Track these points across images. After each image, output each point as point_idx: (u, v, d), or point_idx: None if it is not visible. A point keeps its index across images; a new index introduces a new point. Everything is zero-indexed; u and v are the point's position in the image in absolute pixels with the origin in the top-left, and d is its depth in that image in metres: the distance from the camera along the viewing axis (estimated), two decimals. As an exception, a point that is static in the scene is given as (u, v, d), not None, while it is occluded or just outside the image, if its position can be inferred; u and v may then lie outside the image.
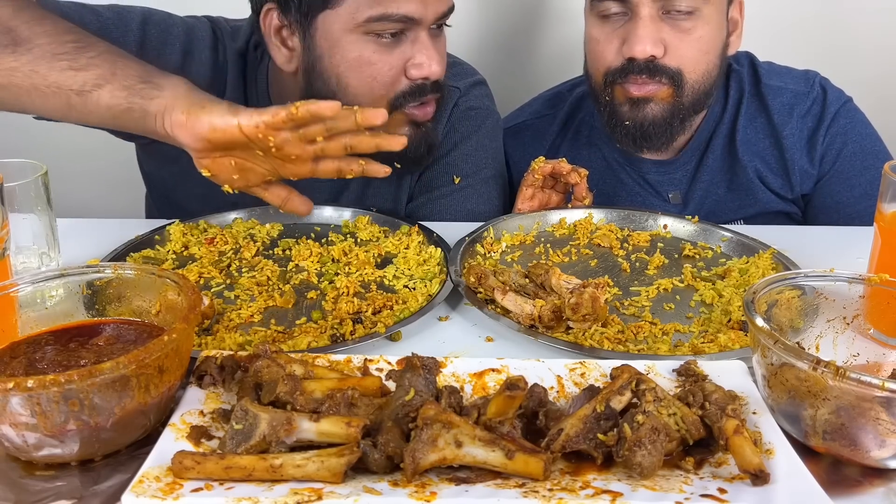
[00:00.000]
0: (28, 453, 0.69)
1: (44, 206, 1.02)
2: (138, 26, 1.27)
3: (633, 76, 1.30)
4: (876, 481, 0.70)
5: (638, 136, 1.36)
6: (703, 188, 1.45)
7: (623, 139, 1.38)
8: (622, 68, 1.31)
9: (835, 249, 1.20)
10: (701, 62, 1.32)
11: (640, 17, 1.27)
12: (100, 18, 1.25)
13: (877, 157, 1.43)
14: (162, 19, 1.30)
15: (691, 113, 1.37)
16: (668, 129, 1.35)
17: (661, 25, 1.28)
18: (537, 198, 1.33)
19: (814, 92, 1.43)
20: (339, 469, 0.65)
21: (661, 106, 1.33)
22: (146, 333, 0.80)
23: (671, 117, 1.34)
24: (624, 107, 1.34)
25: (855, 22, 1.95)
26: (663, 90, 1.32)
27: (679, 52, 1.29)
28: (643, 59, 1.28)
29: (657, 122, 1.34)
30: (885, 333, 0.84)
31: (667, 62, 1.29)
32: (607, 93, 1.35)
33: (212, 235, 1.20)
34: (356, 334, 0.94)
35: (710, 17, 1.31)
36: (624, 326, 0.96)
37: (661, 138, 1.36)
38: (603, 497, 0.63)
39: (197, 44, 1.32)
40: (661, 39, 1.28)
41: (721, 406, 0.71)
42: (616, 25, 1.31)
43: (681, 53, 1.30)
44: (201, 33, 1.33)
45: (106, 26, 1.24)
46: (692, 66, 1.31)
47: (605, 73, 1.34)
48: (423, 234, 1.20)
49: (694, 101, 1.34)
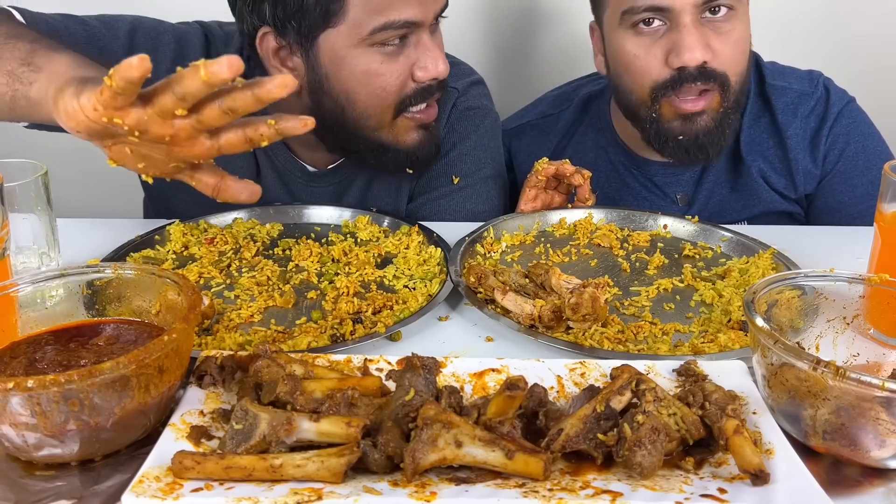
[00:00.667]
0: (28, 453, 0.69)
1: (44, 206, 1.02)
2: (126, 34, 1.26)
3: (687, 85, 1.28)
4: (876, 481, 0.70)
5: (693, 148, 1.34)
6: (707, 189, 1.45)
7: (676, 152, 1.36)
8: (672, 80, 1.28)
9: (835, 249, 1.20)
10: (741, 62, 1.32)
11: (683, 24, 1.25)
12: (87, 28, 1.24)
13: (879, 157, 1.43)
14: (151, 27, 1.29)
15: (736, 115, 1.36)
16: (720, 136, 1.34)
17: (704, 31, 1.27)
18: (540, 199, 1.33)
19: (817, 92, 1.43)
20: (339, 469, 0.65)
21: (711, 115, 1.32)
22: (146, 333, 0.80)
23: (721, 124, 1.33)
24: (674, 122, 1.32)
25: (858, 22, 1.95)
26: (715, 99, 1.30)
27: (723, 55, 1.28)
28: (695, 67, 1.26)
29: (710, 132, 1.33)
30: (885, 333, 0.84)
31: (715, 66, 1.28)
32: (654, 109, 1.32)
33: (212, 235, 1.20)
34: (356, 334, 0.94)
35: (744, 15, 1.31)
36: (624, 326, 0.96)
37: (716, 147, 1.35)
38: (603, 497, 0.63)
39: (188, 51, 1.30)
40: (708, 44, 1.27)
41: (721, 406, 0.71)
42: (655, 37, 1.29)
43: (725, 56, 1.29)
44: (193, 40, 1.32)
45: (93, 36, 1.23)
46: (735, 68, 1.31)
47: (652, 87, 1.31)
48: (423, 234, 1.20)
49: (736, 102, 1.34)
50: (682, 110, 1.31)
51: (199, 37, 1.33)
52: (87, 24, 1.24)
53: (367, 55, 1.19)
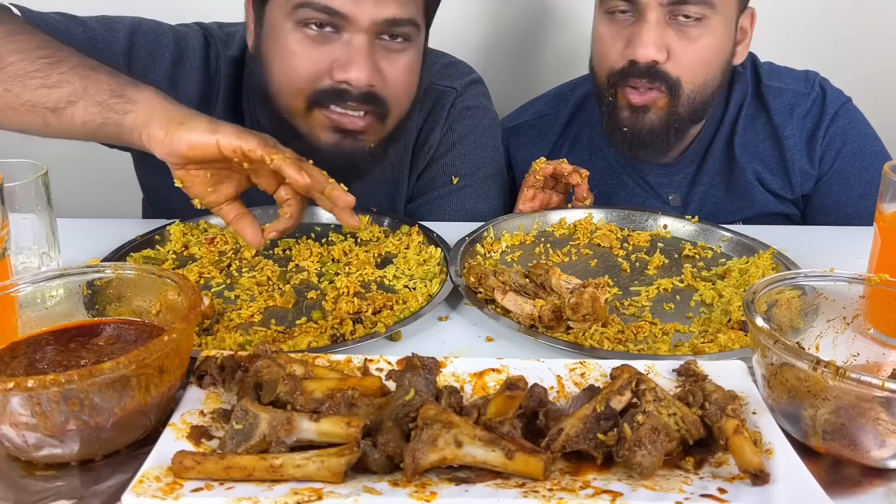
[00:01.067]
0: (28, 453, 0.69)
1: (44, 206, 1.02)
2: (126, 37, 1.26)
3: (634, 79, 1.30)
4: (876, 481, 0.70)
5: (634, 143, 1.36)
6: (702, 190, 1.45)
7: (619, 145, 1.38)
8: (623, 70, 1.31)
9: (835, 249, 1.20)
10: (700, 72, 1.31)
11: (646, 20, 1.26)
12: (86, 30, 1.24)
13: (875, 157, 1.43)
14: (151, 29, 1.30)
15: (688, 123, 1.36)
16: (664, 138, 1.35)
17: (666, 31, 1.27)
18: (538, 198, 1.33)
19: (814, 92, 1.43)
20: (340, 469, 0.65)
21: (657, 115, 1.33)
22: (146, 333, 0.80)
23: (667, 127, 1.34)
24: (624, 112, 1.34)
25: (856, 22, 1.95)
26: (661, 99, 1.31)
27: (681, 59, 1.29)
28: (645, 64, 1.28)
29: (654, 132, 1.34)
30: (885, 333, 0.84)
31: (668, 69, 1.29)
32: (610, 93, 1.35)
33: (212, 235, 1.20)
34: (356, 334, 0.94)
35: (717, 26, 1.30)
36: (624, 326, 0.96)
37: (657, 148, 1.36)
38: (603, 497, 0.63)
39: (187, 53, 1.31)
40: (666, 45, 1.27)
41: (721, 406, 0.71)
42: (623, 25, 1.31)
43: (682, 61, 1.29)
44: (192, 42, 1.32)
45: (93, 37, 1.24)
46: (691, 76, 1.31)
47: (608, 73, 1.34)
48: (423, 234, 1.20)
49: (690, 111, 1.34)
50: (629, 101, 1.33)
51: (199, 39, 1.33)
52: (86, 26, 1.24)
53: (292, 33, 1.18)
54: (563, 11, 1.96)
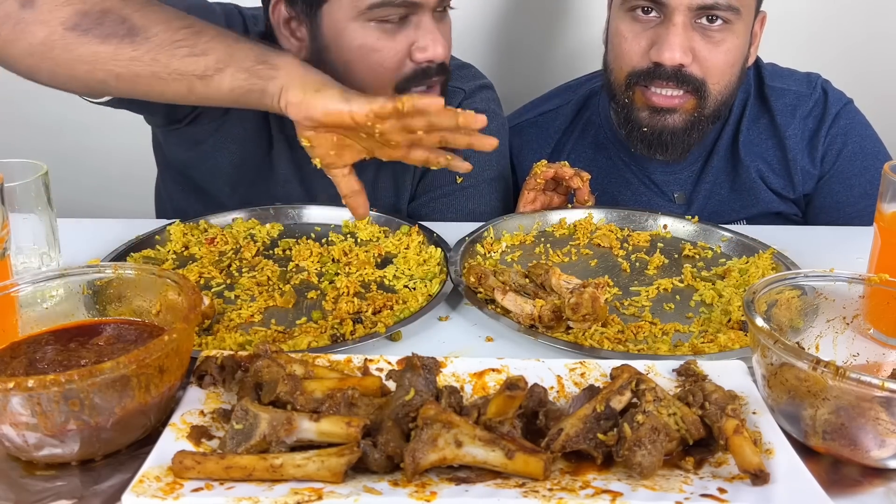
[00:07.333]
0: (28, 453, 0.69)
1: (44, 206, 1.02)
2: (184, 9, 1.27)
3: (658, 81, 1.30)
4: (876, 481, 0.70)
5: (655, 143, 1.35)
6: (707, 189, 1.46)
7: (637, 144, 1.37)
8: (647, 71, 1.30)
9: (835, 249, 1.20)
10: (725, 74, 1.32)
11: (673, 23, 1.26)
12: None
13: (876, 158, 1.43)
14: (199, 4, 1.30)
15: (710, 124, 1.37)
16: (686, 139, 1.35)
17: (692, 34, 1.27)
18: (539, 201, 1.33)
19: (815, 94, 1.44)
20: (340, 469, 0.65)
21: (682, 116, 1.32)
22: (146, 333, 0.80)
23: (691, 128, 1.34)
24: (643, 112, 1.34)
25: (858, 24, 1.95)
26: (688, 102, 1.31)
27: (706, 62, 1.29)
28: (671, 67, 1.27)
29: (676, 132, 1.34)
30: (885, 333, 0.84)
31: (693, 71, 1.29)
32: (627, 94, 1.34)
33: (212, 235, 1.20)
34: (356, 334, 0.94)
35: (740, 30, 1.30)
36: (624, 326, 0.96)
37: (679, 148, 1.36)
38: (603, 497, 0.63)
39: (235, 27, 1.32)
40: (691, 48, 1.27)
41: (721, 406, 0.71)
42: (647, 26, 1.30)
43: (708, 64, 1.29)
44: (235, 19, 1.35)
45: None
46: (717, 78, 1.31)
47: (629, 73, 1.33)
48: (424, 234, 1.20)
49: (714, 112, 1.34)
50: (651, 102, 1.32)
51: (238, 16, 1.36)
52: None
53: (365, 30, 1.19)
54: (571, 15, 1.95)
